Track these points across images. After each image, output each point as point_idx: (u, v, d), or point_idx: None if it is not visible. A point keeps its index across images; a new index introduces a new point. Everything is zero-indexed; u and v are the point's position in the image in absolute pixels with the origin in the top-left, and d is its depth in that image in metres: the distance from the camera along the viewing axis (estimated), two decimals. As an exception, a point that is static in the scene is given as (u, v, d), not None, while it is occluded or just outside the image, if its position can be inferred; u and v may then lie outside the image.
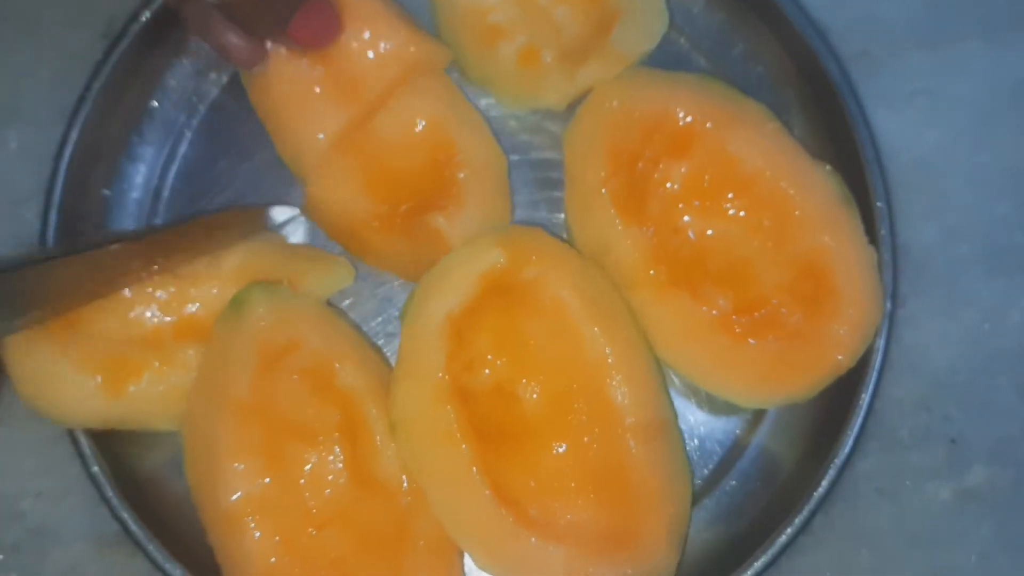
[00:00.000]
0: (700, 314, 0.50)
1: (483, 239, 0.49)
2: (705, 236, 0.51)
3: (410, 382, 0.49)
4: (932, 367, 0.53)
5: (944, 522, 0.52)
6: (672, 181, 0.51)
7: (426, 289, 0.49)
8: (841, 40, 0.54)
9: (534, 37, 0.52)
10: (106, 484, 0.49)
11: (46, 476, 0.52)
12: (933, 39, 0.55)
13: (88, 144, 0.53)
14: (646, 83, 0.51)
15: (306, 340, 0.49)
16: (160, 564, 0.49)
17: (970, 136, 0.55)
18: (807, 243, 0.50)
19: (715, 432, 0.53)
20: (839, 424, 0.51)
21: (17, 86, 0.54)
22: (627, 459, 0.48)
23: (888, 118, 0.54)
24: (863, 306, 0.49)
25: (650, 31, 0.52)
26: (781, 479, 0.52)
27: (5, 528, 0.52)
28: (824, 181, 0.50)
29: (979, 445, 0.53)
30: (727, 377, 0.50)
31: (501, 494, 0.48)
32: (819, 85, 0.53)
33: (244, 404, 0.48)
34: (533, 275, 0.49)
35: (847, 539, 0.52)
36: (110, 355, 0.49)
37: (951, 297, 0.54)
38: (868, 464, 0.53)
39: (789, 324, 0.50)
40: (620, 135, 0.51)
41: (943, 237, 0.54)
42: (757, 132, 0.50)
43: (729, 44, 0.55)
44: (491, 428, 0.49)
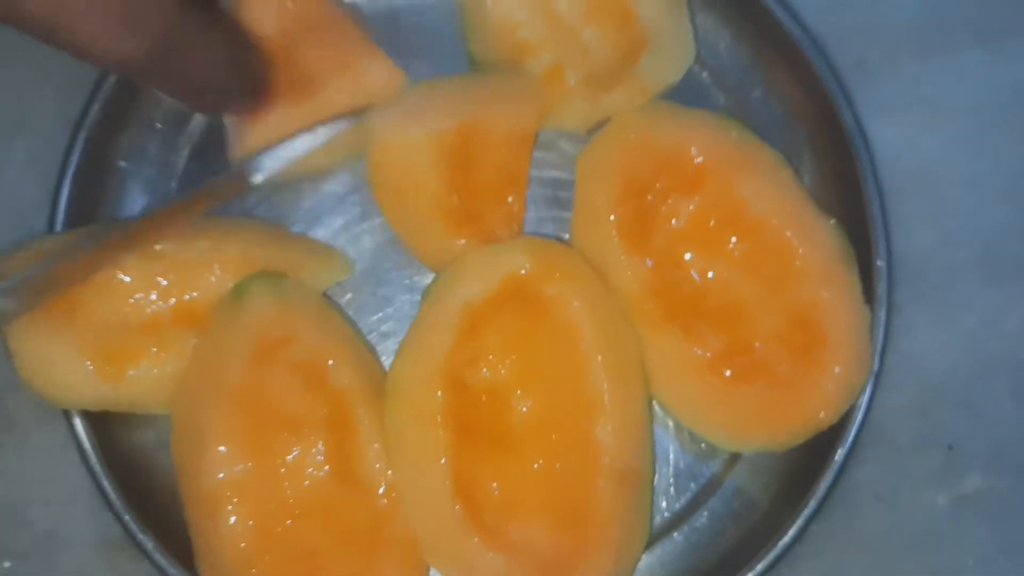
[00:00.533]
0: (691, 352, 0.51)
1: (516, 243, 0.50)
2: (705, 275, 0.52)
3: (412, 358, 0.49)
4: (929, 374, 0.54)
5: (942, 527, 0.53)
6: (679, 217, 0.52)
7: (452, 275, 0.50)
8: (838, 49, 0.55)
9: (560, 57, 0.52)
10: (111, 491, 0.50)
11: (53, 484, 0.52)
12: (930, 47, 0.55)
13: (94, 154, 0.53)
14: (665, 118, 0.52)
15: (302, 335, 0.50)
16: (164, 568, 0.50)
17: (968, 144, 0.55)
18: (804, 295, 0.50)
19: (692, 467, 0.54)
20: (808, 482, 0.51)
21: (23, 98, 0.54)
22: (591, 497, 0.49)
23: (886, 126, 0.55)
24: (851, 365, 0.50)
25: (677, 63, 0.53)
26: (751, 521, 0.53)
27: (14, 535, 0.52)
28: (828, 235, 0.51)
29: (976, 451, 0.53)
30: (709, 418, 0.51)
31: (461, 489, 0.49)
32: (834, 135, 0.53)
33: (235, 391, 0.49)
34: (554, 291, 0.50)
35: (845, 545, 0.53)
36: (109, 340, 0.50)
37: (948, 304, 0.54)
38: (866, 471, 0.53)
39: (776, 373, 0.50)
40: (633, 166, 0.51)
41: (940, 244, 0.54)
42: (768, 179, 0.51)
43: (751, 84, 0.55)
44: (474, 424, 0.50)
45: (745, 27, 0.55)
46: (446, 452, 0.48)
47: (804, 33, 0.53)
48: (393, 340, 0.53)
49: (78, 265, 0.48)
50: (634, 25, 0.52)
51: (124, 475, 0.51)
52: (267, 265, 0.51)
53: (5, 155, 0.54)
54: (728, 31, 0.55)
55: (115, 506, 0.50)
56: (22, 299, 0.47)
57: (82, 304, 0.50)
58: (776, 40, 0.54)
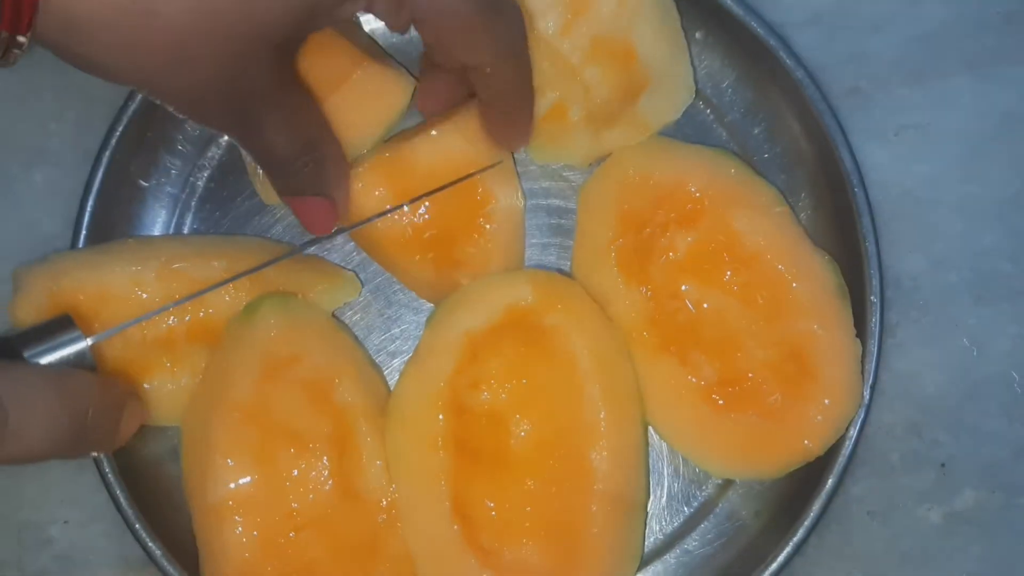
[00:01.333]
0: (685, 380, 0.52)
1: (520, 274, 0.52)
2: (700, 306, 0.53)
3: (415, 381, 0.51)
4: (922, 393, 0.55)
5: (935, 544, 0.54)
6: (676, 250, 0.53)
7: (455, 302, 0.52)
8: (832, 77, 0.56)
9: (564, 95, 0.54)
10: (130, 512, 0.51)
11: (73, 505, 0.54)
12: (921, 75, 0.57)
13: (116, 174, 0.55)
14: (664, 153, 0.53)
15: (310, 353, 0.52)
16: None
17: (958, 168, 0.56)
18: (797, 327, 0.51)
19: (685, 490, 0.55)
20: (799, 509, 0.52)
21: (44, 129, 0.56)
22: (584, 521, 0.50)
23: (877, 151, 0.56)
24: (840, 397, 0.51)
25: (675, 103, 0.54)
26: (743, 545, 0.54)
27: (35, 555, 0.54)
28: (822, 270, 0.52)
29: (969, 469, 0.54)
30: (701, 445, 0.52)
31: (459, 510, 0.50)
32: (832, 175, 0.54)
33: (243, 406, 0.50)
34: (554, 323, 0.51)
35: (840, 561, 0.54)
36: (126, 355, 0.51)
37: (940, 325, 0.55)
38: (860, 488, 0.54)
39: (768, 403, 0.52)
40: (632, 199, 0.53)
41: (932, 266, 0.56)
42: (764, 214, 0.52)
43: (752, 122, 0.56)
44: (473, 447, 0.51)
45: (749, 68, 0.56)
46: (445, 473, 0.50)
47: (799, 65, 0.54)
48: (399, 359, 0.55)
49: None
50: (635, 65, 0.54)
51: (142, 495, 0.53)
52: (279, 284, 0.53)
53: (26, 184, 0.56)
54: (733, 71, 0.57)
55: (133, 526, 0.52)
56: None
57: (102, 317, 0.51)
58: (779, 83, 0.55)
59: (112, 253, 0.52)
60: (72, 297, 0.51)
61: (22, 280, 0.51)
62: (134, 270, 0.52)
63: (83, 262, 0.51)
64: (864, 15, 0.57)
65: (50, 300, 0.50)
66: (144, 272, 0.52)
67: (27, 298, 0.50)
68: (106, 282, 0.51)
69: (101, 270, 0.51)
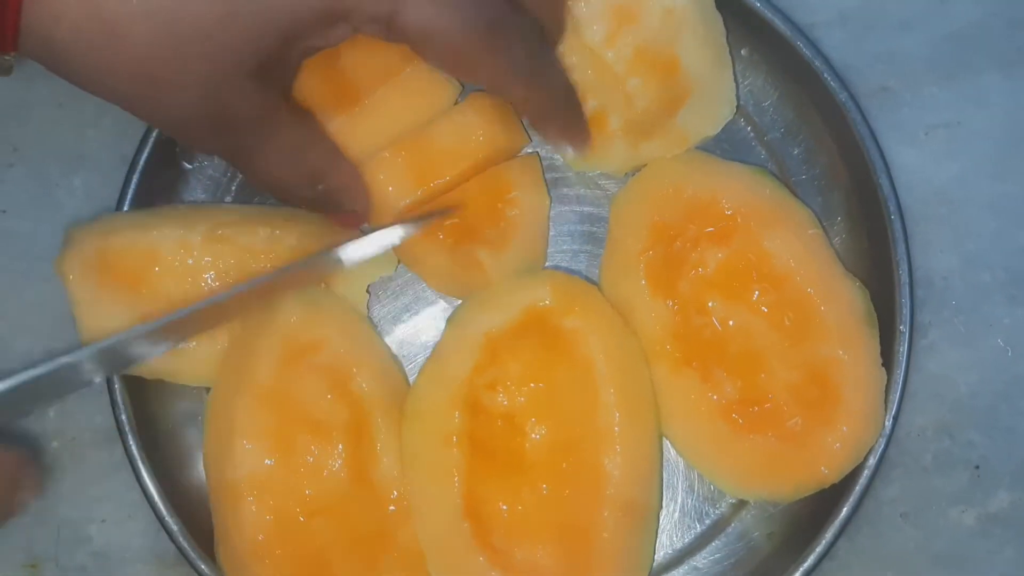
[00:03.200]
0: (706, 397, 0.52)
1: (538, 276, 0.52)
2: (726, 323, 0.53)
3: (433, 378, 0.51)
4: (955, 394, 0.55)
5: (968, 546, 0.54)
6: (705, 265, 0.53)
7: (476, 303, 0.52)
8: (860, 76, 0.56)
9: (604, 103, 0.53)
10: (163, 510, 0.52)
11: (109, 503, 0.55)
12: (952, 73, 0.56)
13: (147, 187, 0.55)
14: (700, 168, 0.53)
15: (330, 342, 0.52)
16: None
17: (990, 166, 0.56)
18: (822, 352, 0.51)
19: (698, 506, 0.55)
20: (812, 533, 0.52)
21: (82, 135, 0.57)
22: (596, 526, 0.50)
23: (908, 151, 0.55)
24: (861, 426, 0.50)
25: (715, 118, 0.54)
26: (752, 566, 0.54)
27: (73, 552, 0.55)
28: (852, 296, 0.51)
29: (1003, 470, 0.54)
30: (718, 463, 0.52)
31: (470, 509, 0.50)
32: (868, 201, 0.54)
33: (263, 390, 0.51)
34: (572, 326, 0.51)
35: (872, 563, 0.54)
36: (165, 311, 0.51)
37: (972, 325, 0.55)
38: (892, 490, 0.54)
39: (787, 425, 0.51)
40: (665, 212, 0.53)
41: (964, 266, 0.55)
42: (797, 236, 0.52)
43: (792, 142, 0.56)
44: (487, 447, 0.51)
45: (792, 88, 0.56)
46: (459, 471, 0.50)
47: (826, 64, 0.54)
48: (422, 353, 0.55)
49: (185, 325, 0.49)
50: (678, 76, 0.53)
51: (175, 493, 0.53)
52: (296, 280, 0.52)
53: (66, 189, 0.57)
54: (775, 90, 0.56)
55: (166, 524, 0.52)
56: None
57: (148, 277, 0.52)
58: (820, 102, 0.55)
59: (162, 216, 0.53)
60: (120, 256, 0.51)
61: (73, 237, 0.51)
62: (181, 233, 0.52)
63: (133, 223, 0.52)
64: (893, 14, 0.57)
65: (99, 257, 0.51)
66: (191, 235, 0.52)
67: (76, 254, 0.51)
68: (154, 243, 0.52)
69: (150, 231, 0.52)
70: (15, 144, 0.57)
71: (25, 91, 0.57)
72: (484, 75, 0.44)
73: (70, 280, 0.51)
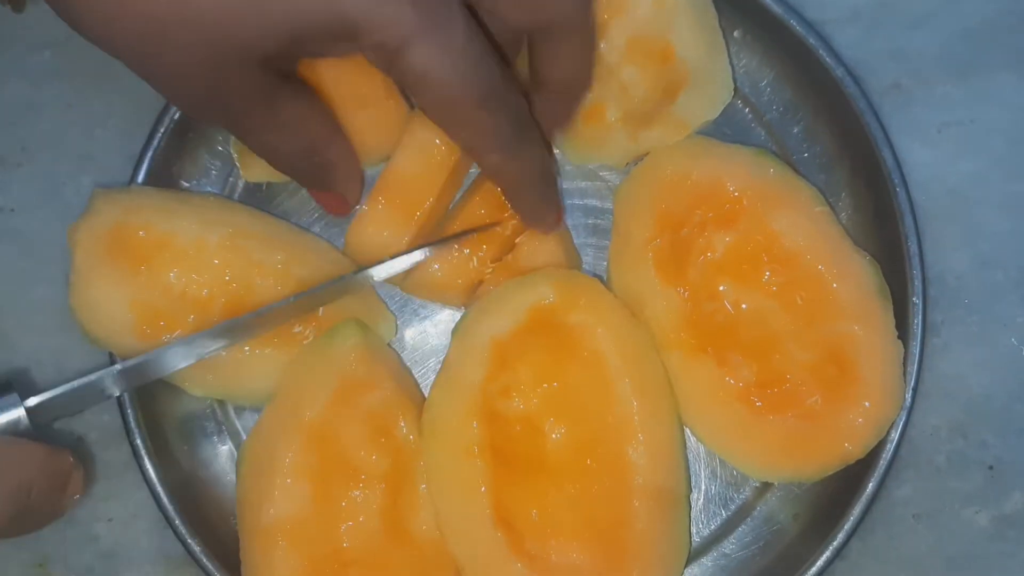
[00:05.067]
0: (723, 382, 0.51)
1: (540, 275, 0.52)
2: (739, 307, 0.52)
3: (447, 391, 0.51)
4: (968, 394, 0.54)
5: (982, 548, 0.53)
6: (714, 250, 0.53)
7: (480, 310, 0.52)
8: (872, 73, 0.55)
9: (601, 95, 0.53)
10: (171, 510, 0.52)
11: (116, 502, 0.55)
12: (965, 71, 0.56)
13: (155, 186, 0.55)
14: (702, 152, 0.53)
15: (380, 385, 0.52)
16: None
17: (1003, 165, 0.55)
18: (837, 328, 0.51)
19: (723, 493, 0.55)
20: (839, 512, 0.52)
21: (91, 134, 0.57)
22: (628, 517, 0.50)
23: (920, 149, 0.55)
24: (881, 400, 0.50)
25: (714, 101, 0.54)
26: (780, 548, 0.54)
27: (80, 551, 0.54)
28: (863, 270, 0.51)
29: (1017, 471, 0.54)
30: (739, 446, 0.51)
31: (501, 517, 0.50)
32: (872, 175, 0.53)
33: (312, 428, 0.50)
34: (578, 321, 0.51)
35: (885, 564, 0.54)
36: (159, 302, 0.52)
37: (986, 324, 0.55)
38: (905, 491, 0.54)
39: (807, 404, 0.51)
40: (670, 199, 0.52)
41: (977, 265, 0.55)
42: (804, 214, 0.51)
43: (791, 120, 0.56)
44: (509, 454, 0.51)
45: (787, 67, 0.56)
46: (485, 481, 0.50)
47: (839, 62, 0.54)
48: (435, 360, 0.55)
49: (128, 381, 0.50)
50: (673, 63, 0.53)
51: (182, 493, 0.53)
52: (321, 300, 0.53)
53: (74, 189, 0.57)
54: (771, 69, 0.56)
55: (174, 524, 0.52)
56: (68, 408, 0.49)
57: (153, 262, 0.52)
58: (817, 81, 0.54)
59: (190, 204, 0.53)
60: (133, 234, 0.51)
61: (96, 203, 0.51)
62: (199, 229, 0.52)
63: (157, 204, 0.52)
64: (904, 11, 0.56)
65: (113, 230, 0.51)
66: (209, 235, 0.52)
67: (91, 223, 0.51)
68: (171, 231, 0.52)
69: (172, 218, 0.52)
70: (24, 144, 0.57)
71: (34, 91, 0.57)
72: (466, 134, 0.45)
73: (78, 249, 0.51)
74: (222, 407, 0.56)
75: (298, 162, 0.49)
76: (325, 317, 0.53)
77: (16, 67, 0.56)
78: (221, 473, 0.55)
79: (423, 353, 0.56)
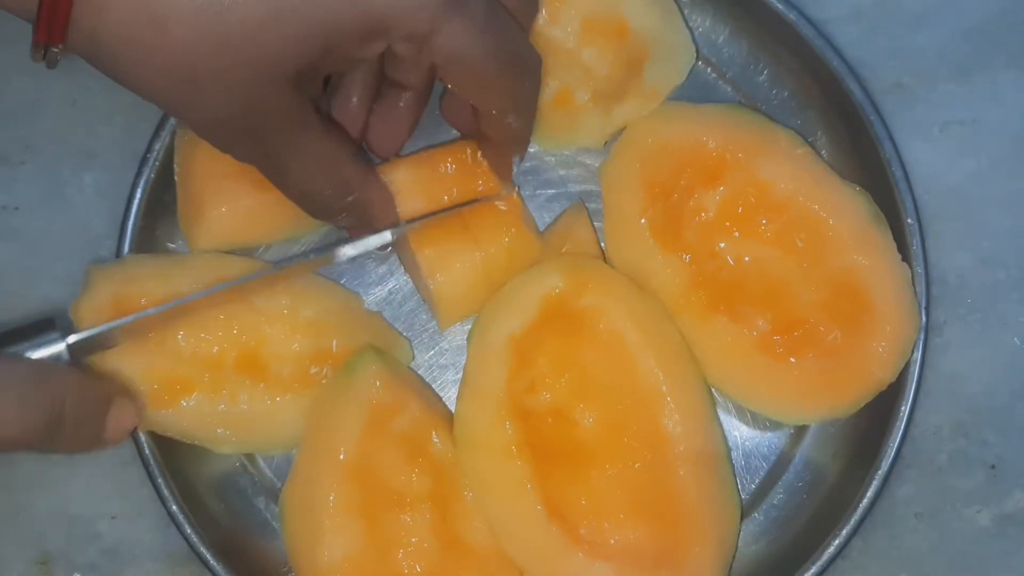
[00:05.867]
0: (741, 335, 0.52)
1: (545, 264, 0.52)
2: (741, 260, 0.53)
3: (474, 400, 0.51)
4: (970, 393, 0.54)
5: (984, 547, 0.53)
6: (706, 210, 0.53)
7: (492, 311, 0.52)
8: (874, 73, 0.56)
9: (566, 81, 0.54)
10: (175, 506, 0.52)
11: (120, 499, 0.55)
12: (967, 70, 0.56)
13: (159, 184, 0.55)
14: (677, 117, 0.53)
15: (408, 406, 0.52)
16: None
17: (1006, 164, 0.56)
18: (841, 263, 0.51)
19: (760, 447, 0.55)
20: (877, 442, 0.52)
21: (94, 132, 0.57)
22: (676, 486, 0.50)
23: (922, 148, 0.55)
24: (900, 322, 0.51)
25: (679, 66, 0.55)
26: (825, 490, 0.54)
27: (83, 548, 0.54)
28: (855, 202, 0.52)
29: (1019, 470, 0.54)
30: (769, 395, 0.52)
31: (553, 511, 0.50)
32: (842, 106, 0.54)
33: (349, 463, 0.50)
34: (590, 303, 0.51)
35: (887, 563, 0.53)
36: (172, 367, 0.52)
37: (988, 323, 0.55)
38: (907, 490, 0.54)
39: (828, 342, 0.51)
40: (654, 168, 0.53)
41: (979, 264, 0.55)
42: (787, 158, 0.52)
43: (754, 71, 0.57)
44: (547, 447, 0.51)
45: (740, 20, 0.57)
46: (529, 479, 0.50)
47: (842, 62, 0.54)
48: (452, 371, 0.55)
49: (159, 321, 0.50)
50: (630, 37, 0.54)
51: (186, 489, 0.53)
52: (334, 337, 0.53)
53: (76, 187, 0.57)
54: (725, 26, 0.57)
55: (177, 521, 0.52)
56: (99, 345, 0.50)
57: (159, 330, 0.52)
58: (772, 25, 0.55)
59: (184, 265, 0.52)
60: (135, 304, 0.50)
61: (92, 279, 0.51)
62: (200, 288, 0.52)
63: (155, 271, 0.52)
64: (907, 10, 0.57)
65: (114, 304, 0.51)
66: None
67: (91, 298, 0.50)
68: (171, 295, 0.51)
69: (170, 282, 0.51)
70: (27, 142, 0.57)
71: (37, 89, 0.57)
72: (496, 100, 0.47)
73: (83, 326, 0.51)
74: (251, 460, 0.55)
75: (335, 202, 0.50)
76: (339, 352, 0.53)
77: (19, 64, 0.56)
78: (263, 524, 0.55)
79: (440, 367, 0.56)
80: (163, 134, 0.55)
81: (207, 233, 0.53)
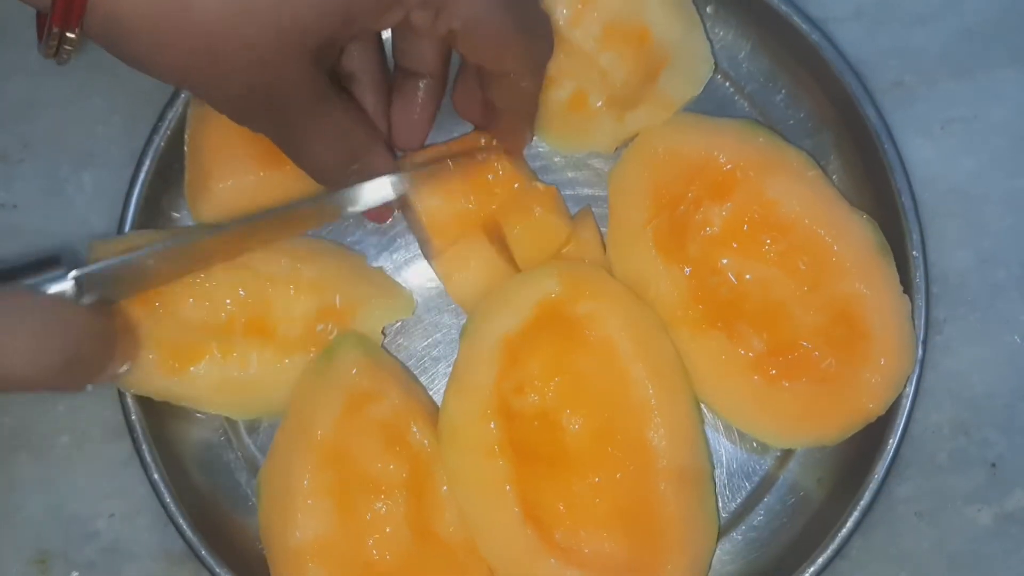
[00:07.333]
0: (735, 354, 0.52)
1: (544, 268, 0.52)
2: (742, 278, 0.53)
3: (461, 395, 0.51)
4: (970, 392, 0.54)
5: (985, 546, 0.53)
6: (712, 224, 0.53)
7: (486, 309, 0.52)
8: (874, 71, 0.55)
9: (582, 84, 0.54)
10: (173, 506, 0.52)
11: (118, 498, 0.55)
12: (967, 68, 0.56)
13: (157, 182, 0.55)
14: (690, 129, 0.53)
15: (388, 394, 0.52)
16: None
17: (1006, 162, 0.55)
18: (842, 290, 0.51)
19: (744, 466, 0.54)
20: (871, 455, 0.51)
21: (92, 131, 0.57)
22: (655, 500, 0.50)
23: (923, 147, 0.55)
24: (895, 355, 0.50)
25: (696, 77, 0.54)
26: (809, 515, 0.53)
27: (81, 547, 0.54)
28: (861, 229, 0.51)
29: (1019, 469, 0.54)
30: (758, 417, 0.51)
31: (529, 514, 0.50)
32: (857, 131, 0.53)
33: (325, 447, 0.50)
34: (586, 310, 0.51)
35: (887, 562, 0.53)
36: (181, 336, 0.52)
37: (988, 322, 0.55)
38: (907, 489, 0.54)
39: (822, 368, 0.51)
40: (663, 178, 0.53)
41: (980, 263, 0.55)
42: (797, 179, 0.52)
43: (773, 90, 0.56)
44: (530, 450, 0.51)
45: (763, 36, 0.56)
46: (509, 480, 0.50)
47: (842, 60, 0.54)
48: (444, 364, 0.55)
49: (165, 262, 0.50)
50: (650, 45, 0.54)
51: (184, 488, 0.53)
52: (337, 292, 0.53)
53: (75, 185, 0.57)
54: (747, 41, 0.57)
55: (175, 520, 0.52)
56: (108, 287, 0.49)
57: (163, 299, 0.52)
58: (794, 45, 0.55)
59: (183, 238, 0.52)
60: None
61: (95, 255, 0.50)
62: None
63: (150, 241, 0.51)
64: (907, 8, 0.56)
65: None
66: None
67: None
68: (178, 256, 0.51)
69: None
70: (25, 140, 0.57)
71: (35, 88, 0.57)
72: (511, 61, 0.47)
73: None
74: (236, 434, 0.55)
75: (341, 172, 0.50)
76: (343, 307, 0.53)
77: (18, 63, 0.57)
78: (243, 499, 0.55)
79: (432, 359, 0.56)
80: (161, 130, 0.55)
81: (212, 205, 0.53)
